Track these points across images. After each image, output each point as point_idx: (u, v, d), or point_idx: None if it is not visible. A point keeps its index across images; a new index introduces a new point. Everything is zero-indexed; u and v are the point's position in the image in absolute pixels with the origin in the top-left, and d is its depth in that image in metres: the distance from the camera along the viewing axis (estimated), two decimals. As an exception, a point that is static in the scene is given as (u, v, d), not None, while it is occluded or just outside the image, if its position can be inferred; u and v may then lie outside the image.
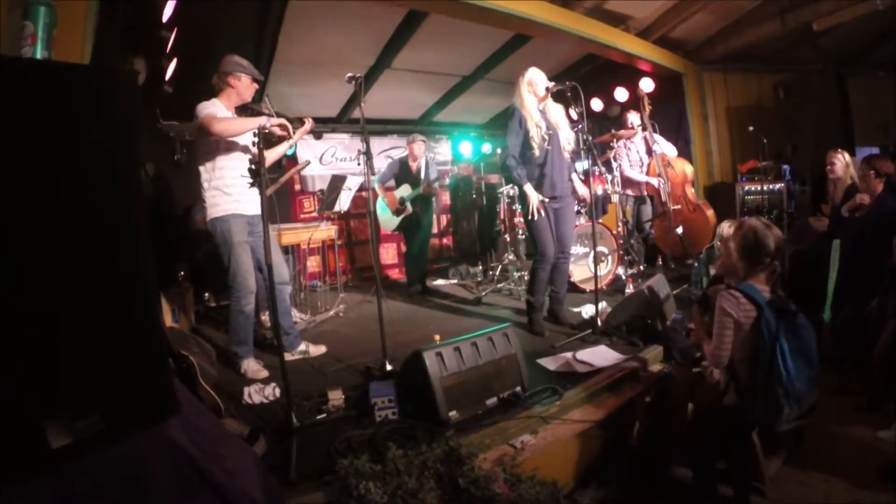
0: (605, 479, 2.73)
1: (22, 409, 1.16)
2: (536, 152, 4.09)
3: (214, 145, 3.42)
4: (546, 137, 4.11)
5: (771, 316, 2.31)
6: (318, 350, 3.94)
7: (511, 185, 5.98)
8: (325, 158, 7.99)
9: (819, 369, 2.39)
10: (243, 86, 3.51)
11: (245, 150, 3.52)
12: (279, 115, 3.35)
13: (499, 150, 6.79)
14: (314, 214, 6.91)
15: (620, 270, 5.70)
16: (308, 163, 6.50)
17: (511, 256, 6.30)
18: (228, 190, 3.45)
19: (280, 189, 5.11)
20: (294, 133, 3.60)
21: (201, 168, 3.47)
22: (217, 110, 3.38)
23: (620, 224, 5.89)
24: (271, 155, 3.74)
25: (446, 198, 9.11)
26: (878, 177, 3.77)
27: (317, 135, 3.77)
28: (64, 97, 1.25)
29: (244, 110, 3.51)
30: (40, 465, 1.18)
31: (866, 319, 3.64)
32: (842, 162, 4.32)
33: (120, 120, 1.36)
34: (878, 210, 3.74)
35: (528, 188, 4.10)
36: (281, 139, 3.67)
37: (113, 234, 1.33)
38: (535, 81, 4.15)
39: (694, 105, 7.23)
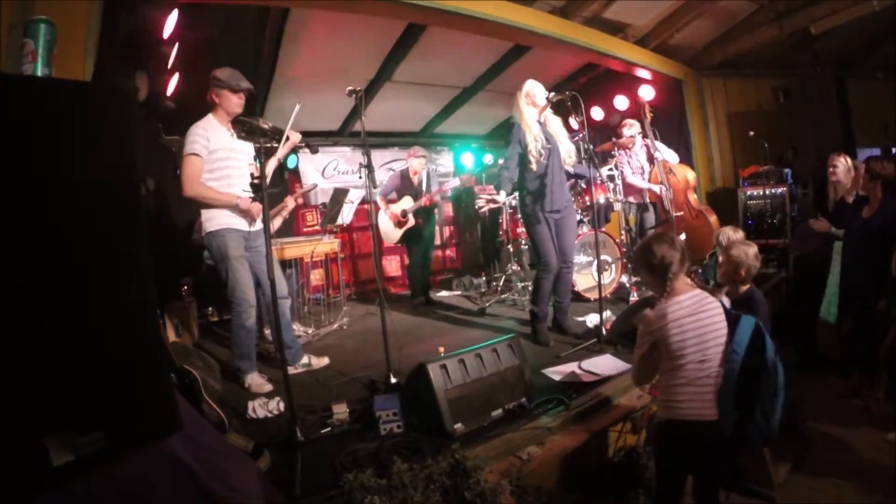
0: (611, 489, 2.70)
1: (24, 427, 1.16)
2: (534, 167, 4.11)
3: (210, 161, 3.43)
4: (543, 151, 4.12)
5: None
6: (320, 362, 3.92)
7: (512, 195, 6.00)
8: (326, 172, 8.02)
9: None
10: (225, 100, 3.46)
11: (241, 164, 3.53)
12: (275, 130, 3.33)
13: (500, 161, 6.81)
14: (317, 228, 6.91)
15: (624, 279, 5.68)
16: (315, 185, 6.51)
17: (514, 267, 6.29)
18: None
19: (280, 203, 5.13)
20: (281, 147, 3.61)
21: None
22: (199, 148, 3.36)
23: (623, 232, 5.88)
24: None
25: (449, 209, 9.12)
26: (873, 179, 3.75)
27: (312, 149, 3.75)
28: (63, 114, 1.25)
29: (241, 125, 3.46)
30: (42, 481, 1.17)
31: (875, 321, 3.63)
32: (843, 165, 4.32)
33: (119, 136, 1.36)
34: (883, 213, 3.73)
35: (501, 196, 4.16)
36: (271, 152, 3.66)
37: (111, 250, 1.33)
38: (533, 93, 4.17)
39: (694, 111, 7.22)
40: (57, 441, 1.18)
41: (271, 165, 3.80)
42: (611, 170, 6.11)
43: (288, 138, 3.54)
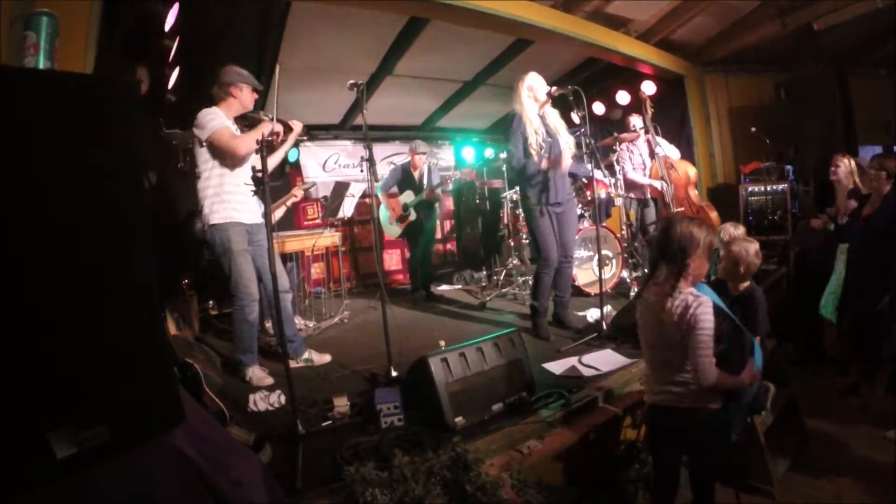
0: (615, 484, 2.71)
1: (29, 420, 1.16)
2: (535, 158, 4.10)
3: (213, 157, 3.43)
4: (544, 144, 4.12)
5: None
6: (322, 358, 3.93)
7: (514, 189, 5.99)
8: (328, 165, 8.02)
9: None
10: (245, 96, 3.53)
11: (243, 164, 3.54)
12: (279, 122, 3.37)
13: (501, 155, 6.80)
14: (318, 221, 6.91)
15: (625, 274, 5.68)
16: (314, 184, 6.51)
17: (515, 261, 6.29)
18: (227, 197, 3.46)
19: (284, 195, 5.15)
20: (287, 139, 3.63)
21: (202, 174, 3.47)
22: (223, 122, 3.40)
23: (624, 227, 5.88)
24: (270, 161, 3.75)
25: (449, 203, 9.11)
26: (889, 177, 3.74)
27: (312, 136, 3.81)
28: (66, 107, 1.25)
29: (243, 119, 3.52)
30: (47, 474, 1.18)
31: (877, 318, 3.63)
32: (845, 166, 4.31)
33: (122, 129, 1.36)
34: (885, 209, 3.72)
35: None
36: (280, 144, 3.69)
37: (115, 245, 1.33)
38: (535, 86, 4.17)
39: (696, 107, 7.21)
40: (60, 434, 1.19)
41: (279, 156, 3.81)
42: (614, 150, 6.07)
43: (291, 128, 3.58)
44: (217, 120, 3.38)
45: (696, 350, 2.09)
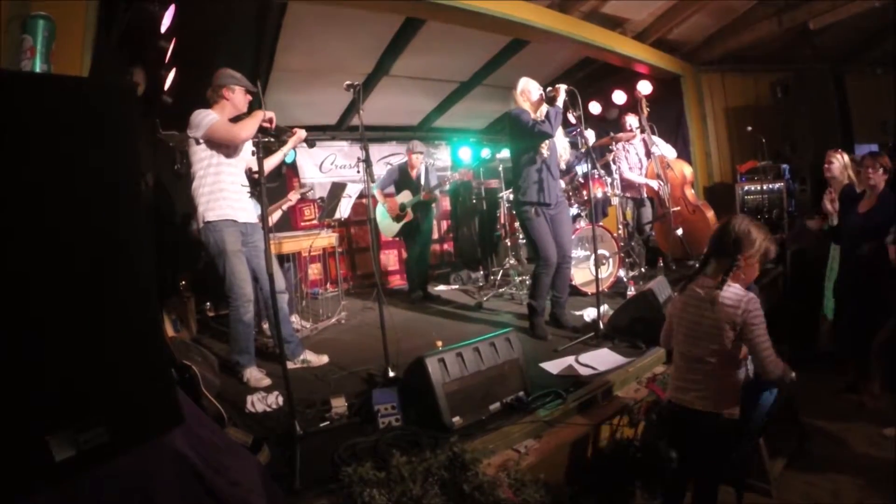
0: (608, 482, 2.71)
1: (26, 422, 1.16)
2: (541, 155, 4.13)
3: (211, 149, 3.43)
4: (543, 146, 4.14)
5: None
6: (320, 360, 3.93)
7: (510, 189, 6.00)
8: (324, 166, 8.02)
9: None
10: (238, 98, 3.52)
11: (238, 154, 3.55)
12: (277, 128, 3.37)
13: (498, 155, 6.81)
14: (315, 222, 6.91)
15: (622, 273, 5.69)
16: (311, 188, 6.52)
17: (512, 261, 6.29)
18: (223, 195, 3.46)
19: (280, 197, 5.16)
20: (286, 142, 3.64)
21: (196, 174, 3.47)
22: (216, 116, 3.39)
23: (621, 227, 5.89)
24: (268, 164, 3.76)
25: (446, 203, 9.11)
26: (885, 173, 3.75)
27: (310, 143, 3.82)
28: (63, 110, 1.25)
29: (236, 120, 3.53)
30: (44, 477, 1.18)
31: (872, 315, 3.64)
32: (839, 162, 4.32)
33: (120, 132, 1.36)
34: (883, 206, 3.72)
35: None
36: (279, 146, 3.69)
37: (114, 247, 1.33)
38: (528, 90, 4.20)
39: (692, 106, 7.24)
40: (59, 437, 1.19)
41: (277, 159, 3.80)
42: (610, 150, 6.08)
43: (293, 133, 3.59)
44: (210, 116, 3.38)
45: (759, 348, 2.16)
